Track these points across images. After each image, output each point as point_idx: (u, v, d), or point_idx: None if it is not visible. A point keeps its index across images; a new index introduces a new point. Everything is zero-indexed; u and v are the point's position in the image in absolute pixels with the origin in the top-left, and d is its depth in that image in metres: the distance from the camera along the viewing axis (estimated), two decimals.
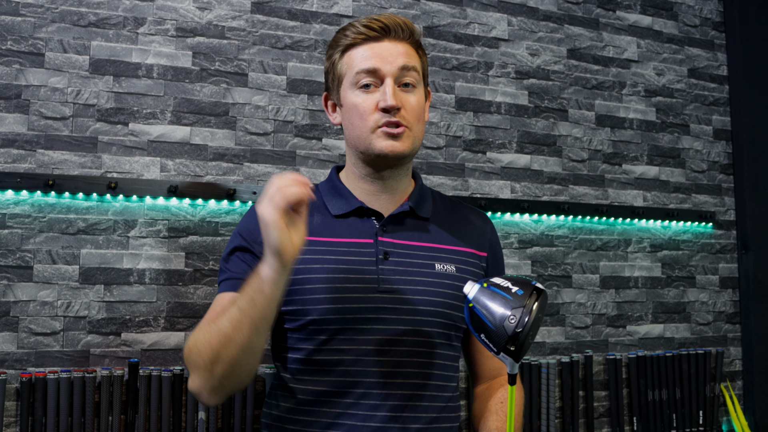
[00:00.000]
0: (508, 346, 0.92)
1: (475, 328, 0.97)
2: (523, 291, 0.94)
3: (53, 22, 1.76)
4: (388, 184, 1.23)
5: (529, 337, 0.93)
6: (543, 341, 2.18)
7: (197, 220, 1.83)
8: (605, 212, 2.27)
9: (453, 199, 1.36)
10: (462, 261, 1.23)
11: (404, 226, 1.22)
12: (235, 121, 1.90)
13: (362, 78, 1.16)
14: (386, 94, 1.14)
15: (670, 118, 2.48)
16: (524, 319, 0.92)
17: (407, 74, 1.18)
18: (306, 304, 1.14)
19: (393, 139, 1.15)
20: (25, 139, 1.71)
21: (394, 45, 1.18)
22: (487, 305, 0.95)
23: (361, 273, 1.15)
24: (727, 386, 2.41)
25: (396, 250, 1.18)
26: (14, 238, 1.68)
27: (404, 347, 1.15)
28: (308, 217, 1.17)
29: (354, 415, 1.12)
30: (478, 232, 1.29)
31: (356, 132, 1.18)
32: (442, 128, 2.13)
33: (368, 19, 1.18)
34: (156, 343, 1.77)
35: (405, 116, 1.16)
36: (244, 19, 1.94)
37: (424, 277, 1.18)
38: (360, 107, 1.17)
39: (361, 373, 1.13)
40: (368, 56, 1.16)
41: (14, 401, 1.63)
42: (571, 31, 2.36)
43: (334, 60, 1.21)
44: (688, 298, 2.43)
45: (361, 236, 1.19)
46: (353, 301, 1.13)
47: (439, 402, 1.17)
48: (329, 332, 1.14)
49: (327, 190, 1.27)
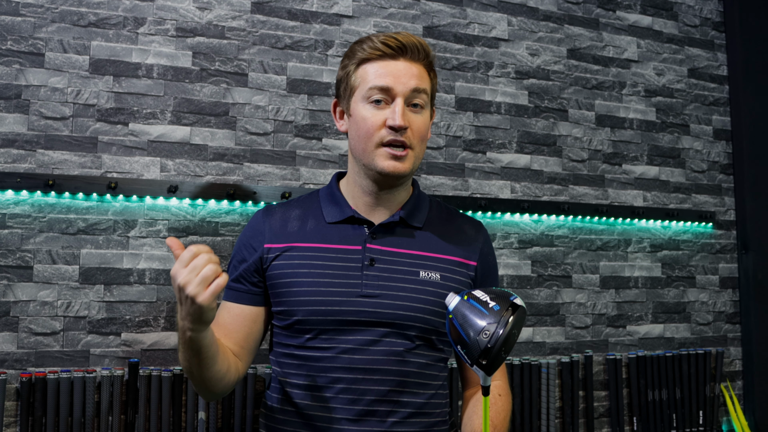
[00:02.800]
0: (480, 359, 0.95)
1: (453, 339, 1.00)
2: (499, 306, 0.97)
3: (53, 22, 1.76)
4: (386, 197, 1.29)
5: (502, 352, 0.95)
6: (543, 341, 2.19)
7: (197, 220, 1.83)
8: (605, 212, 2.27)
9: (450, 208, 1.41)
10: (447, 269, 1.28)
11: (394, 234, 1.28)
12: (235, 121, 1.90)
13: (374, 94, 1.21)
14: (396, 113, 1.19)
15: (670, 118, 2.48)
16: (497, 334, 0.94)
17: (417, 96, 1.23)
18: (293, 305, 1.23)
19: (396, 160, 1.21)
20: (25, 139, 1.71)
21: (408, 66, 1.23)
22: (464, 318, 0.98)
23: (346, 278, 1.22)
24: (727, 386, 2.41)
25: (382, 257, 1.25)
26: (14, 238, 1.68)
27: (383, 347, 1.21)
28: (303, 223, 1.29)
29: (334, 408, 1.20)
30: (469, 241, 1.34)
31: (361, 145, 1.24)
32: (442, 128, 2.13)
33: (386, 36, 1.23)
34: (156, 343, 1.77)
35: (410, 137, 1.22)
36: (244, 19, 1.94)
37: (407, 283, 1.24)
38: (368, 121, 1.22)
39: (341, 370, 1.21)
40: (383, 74, 1.21)
41: (14, 401, 1.63)
42: (571, 31, 2.36)
43: (349, 71, 1.26)
44: (688, 298, 2.43)
45: (350, 243, 1.26)
46: (336, 303, 1.21)
47: (420, 399, 1.24)
48: (313, 332, 1.23)
49: (325, 196, 1.34)
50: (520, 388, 2.07)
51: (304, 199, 1.36)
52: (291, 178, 1.94)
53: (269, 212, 1.32)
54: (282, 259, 1.25)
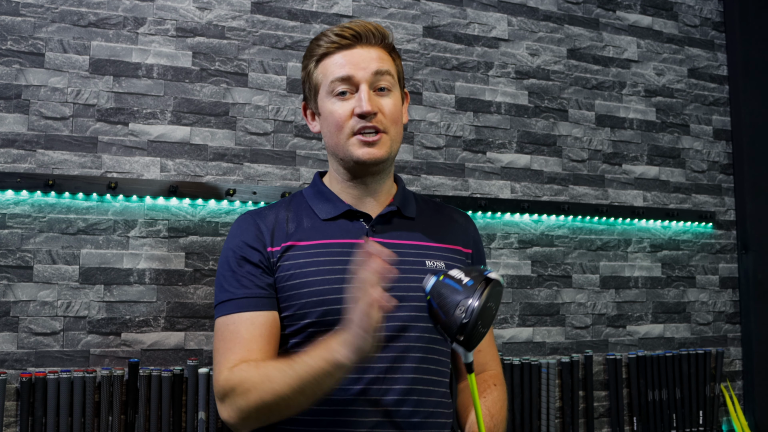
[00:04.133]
0: (457, 336, 0.96)
1: (433, 319, 1.01)
2: (473, 282, 0.97)
3: (53, 22, 1.76)
4: (371, 188, 1.26)
5: (479, 326, 0.96)
6: (543, 341, 2.19)
7: (197, 220, 1.83)
8: (605, 212, 2.27)
9: (434, 201, 1.40)
10: (450, 258, 1.26)
11: (392, 226, 1.25)
12: (235, 121, 1.90)
13: (337, 86, 1.19)
14: (361, 100, 1.17)
15: (670, 118, 2.48)
16: (471, 307, 0.95)
17: (381, 78, 1.20)
18: (303, 308, 1.17)
19: (369, 146, 1.18)
20: (25, 139, 1.71)
21: (366, 51, 1.20)
22: (440, 296, 0.99)
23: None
24: (727, 386, 2.41)
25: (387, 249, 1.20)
26: (14, 238, 1.68)
27: (402, 343, 1.17)
28: (297, 223, 1.23)
29: (354, 411, 1.14)
30: (462, 230, 1.33)
31: (334, 139, 1.21)
32: (442, 128, 2.13)
33: (340, 27, 1.21)
34: (156, 343, 1.77)
35: (382, 120, 1.19)
36: (244, 19, 1.94)
37: (416, 274, 1.20)
38: (336, 114, 1.19)
39: (360, 370, 1.13)
40: (342, 64, 1.19)
41: (14, 401, 1.63)
42: (571, 31, 2.36)
43: (310, 70, 1.24)
44: (688, 298, 2.43)
45: (352, 237, 1.21)
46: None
47: (435, 396, 1.20)
48: (329, 333, 1.14)
49: (312, 195, 1.29)
50: (520, 388, 2.07)
51: (289, 202, 1.30)
52: (291, 178, 1.94)
53: (258, 214, 1.26)
54: (285, 260, 1.20)
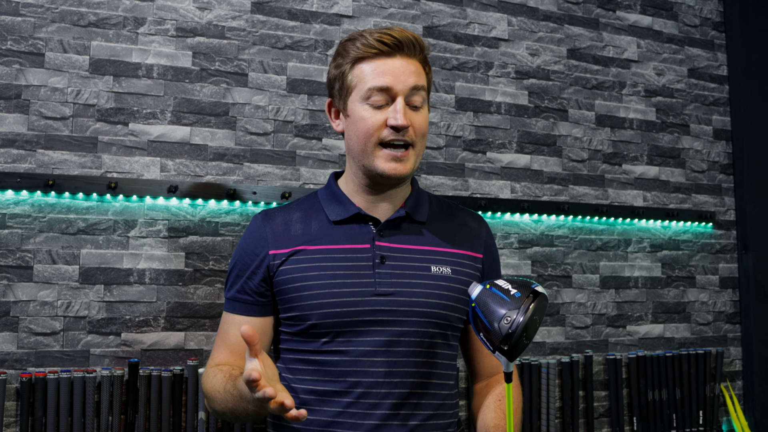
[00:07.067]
0: (501, 345, 0.98)
1: (476, 327, 1.03)
2: (520, 294, 1.00)
3: (53, 22, 1.76)
4: (387, 195, 1.26)
5: (524, 338, 0.98)
6: (543, 341, 2.19)
7: (197, 220, 1.83)
8: (605, 212, 2.27)
9: (449, 203, 1.39)
10: (457, 263, 1.26)
11: (401, 231, 1.25)
12: (235, 121, 1.90)
13: (374, 95, 1.18)
14: (397, 113, 1.17)
15: (670, 118, 2.48)
16: (518, 321, 0.97)
17: (416, 94, 1.20)
18: (305, 309, 1.19)
19: (396, 161, 1.19)
20: (25, 139, 1.71)
21: (405, 62, 1.19)
22: (486, 306, 1.01)
23: (358, 277, 1.19)
24: (727, 386, 2.41)
25: (392, 254, 1.22)
26: (14, 238, 1.68)
27: (402, 348, 1.18)
28: (306, 225, 1.25)
29: (354, 413, 1.16)
30: (474, 234, 1.32)
31: (360, 146, 1.20)
32: (442, 128, 2.13)
33: (380, 32, 1.19)
34: (156, 343, 1.77)
35: (412, 135, 1.19)
36: (244, 19, 1.94)
37: (420, 279, 1.21)
38: (369, 122, 1.18)
39: (360, 374, 1.17)
40: (380, 72, 1.18)
41: (14, 401, 1.63)
42: (571, 31, 2.36)
43: (344, 70, 1.22)
44: (688, 298, 2.43)
45: (359, 242, 1.22)
46: (351, 304, 1.17)
47: (437, 399, 1.21)
48: (329, 335, 1.18)
49: (325, 196, 1.30)
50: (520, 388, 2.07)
51: (303, 201, 1.32)
52: (291, 178, 1.94)
53: (269, 216, 1.27)
54: (289, 264, 1.21)
